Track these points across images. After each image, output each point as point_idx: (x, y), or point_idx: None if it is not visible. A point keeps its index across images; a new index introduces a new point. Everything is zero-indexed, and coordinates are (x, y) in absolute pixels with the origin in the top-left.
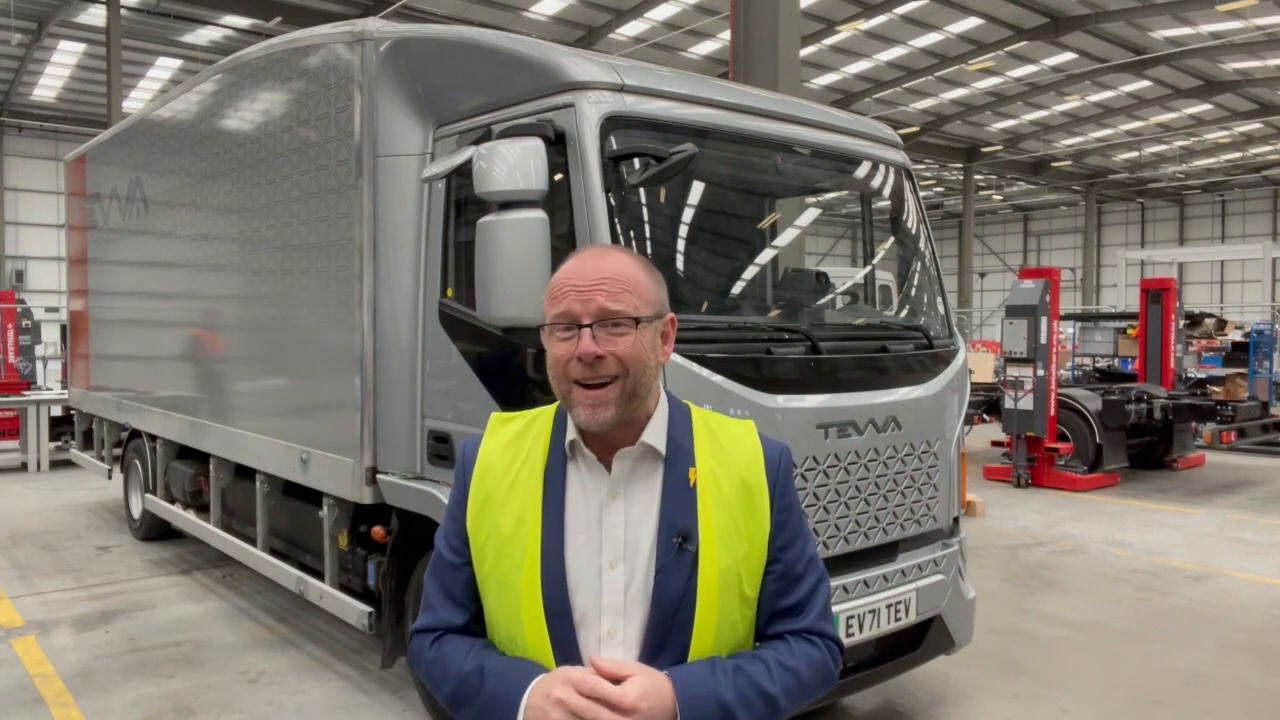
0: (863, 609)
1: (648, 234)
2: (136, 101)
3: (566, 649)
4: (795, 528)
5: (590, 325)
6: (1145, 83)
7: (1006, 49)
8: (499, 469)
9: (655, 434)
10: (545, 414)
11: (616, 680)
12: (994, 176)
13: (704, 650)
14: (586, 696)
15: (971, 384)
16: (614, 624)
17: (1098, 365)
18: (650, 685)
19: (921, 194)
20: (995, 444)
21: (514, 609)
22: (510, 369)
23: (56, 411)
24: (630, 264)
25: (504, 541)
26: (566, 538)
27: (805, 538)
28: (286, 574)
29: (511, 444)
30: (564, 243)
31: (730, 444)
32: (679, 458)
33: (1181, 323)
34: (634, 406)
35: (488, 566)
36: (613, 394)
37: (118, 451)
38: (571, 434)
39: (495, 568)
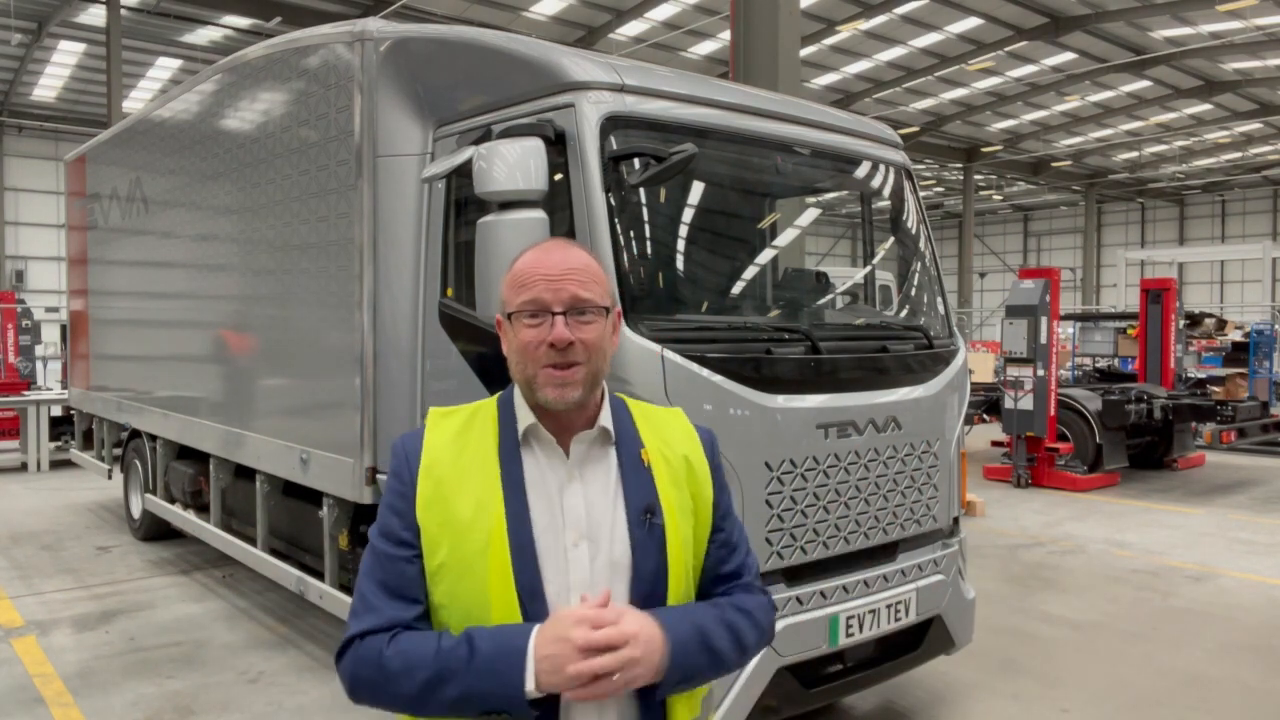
0: (863, 609)
1: (648, 234)
2: (136, 101)
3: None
4: (729, 502)
5: (564, 313)
6: (1145, 83)
7: (1006, 49)
8: (448, 459)
9: (607, 418)
10: (486, 406)
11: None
12: (994, 176)
13: None
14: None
15: (971, 384)
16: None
17: (1098, 365)
18: (641, 616)
19: (921, 194)
20: (995, 444)
21: (477, 593)
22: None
23: (56, 411)
24: (589, 258)
25: (463, 527)
26: (533, 520)
27: (735, 513)
28: (286, 574)
29: (458, 436)
30: None
31: (667, 428)
32: (628, 441)
33: (1181, 323)
34: (594, 390)
35: (442, 555)
36: (580, 375)
37: (118, 451)
38: (527, 420)
39: (453, 554)
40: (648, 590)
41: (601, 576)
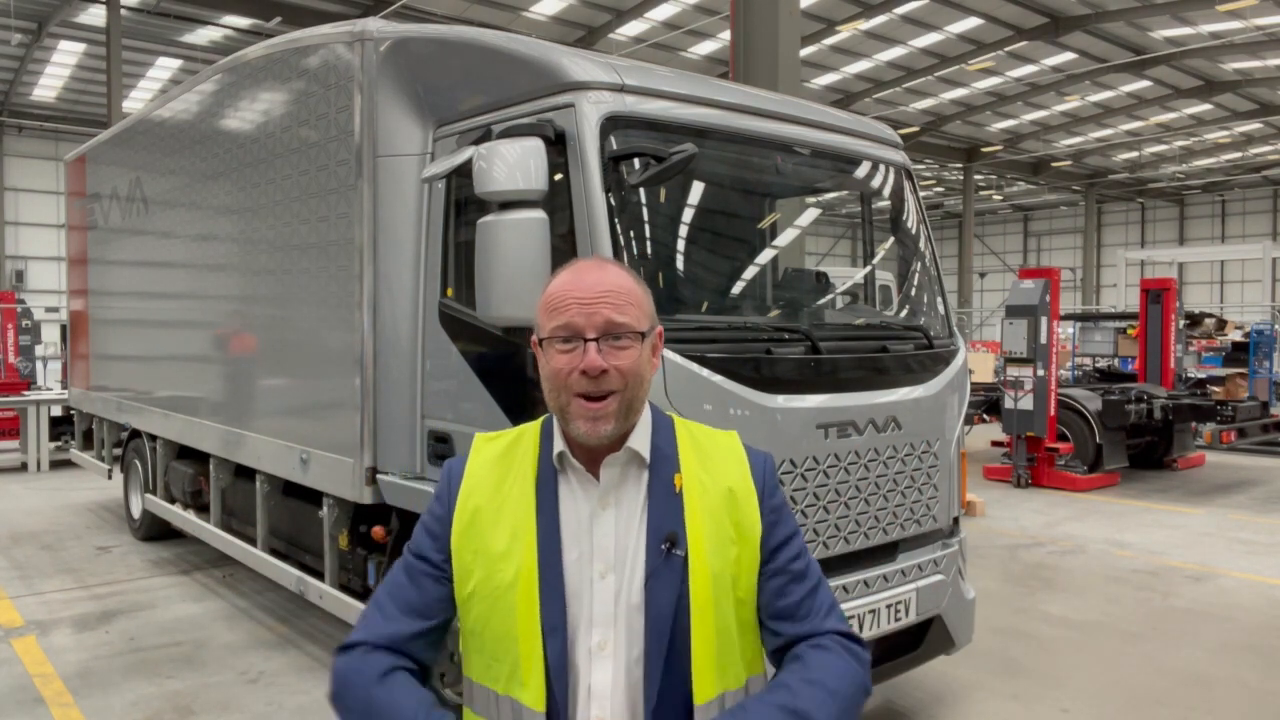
0: (863, 609)
1: (648, 234)
2: (136, 101)
3: (557, 664)
4: (787, 530)
5: (596, 339)
6: (1145, 83)
7: (1006, 49)
8: (487, 486)
9: (640, 441)
10: (531, 430)
11: None
12: (994, 176)
13: (706, 656)
14: None
15: (971, 384)
16: (604, 635)
17: (1098, 365)
18: None
19: (921, 194)
20: (995, 444)
21: (506, 626)
22: (510, 369)
23: (56, 411)
24: (626, 278)
25: (495, 559)
26: (564, 552)
27: (800, 541)
28: (286, 574)
29: (499, 461)
30: (564, 243)
31: (715, 450)
32: (663, 465)
33: (1181, 323)
34: (630, 419)
35: (474, 584)
36: (612, 407)
37: (118, 451)
38: (559, 445)
39: (484, 585)
40: (664, 625)
41: (623, 610)
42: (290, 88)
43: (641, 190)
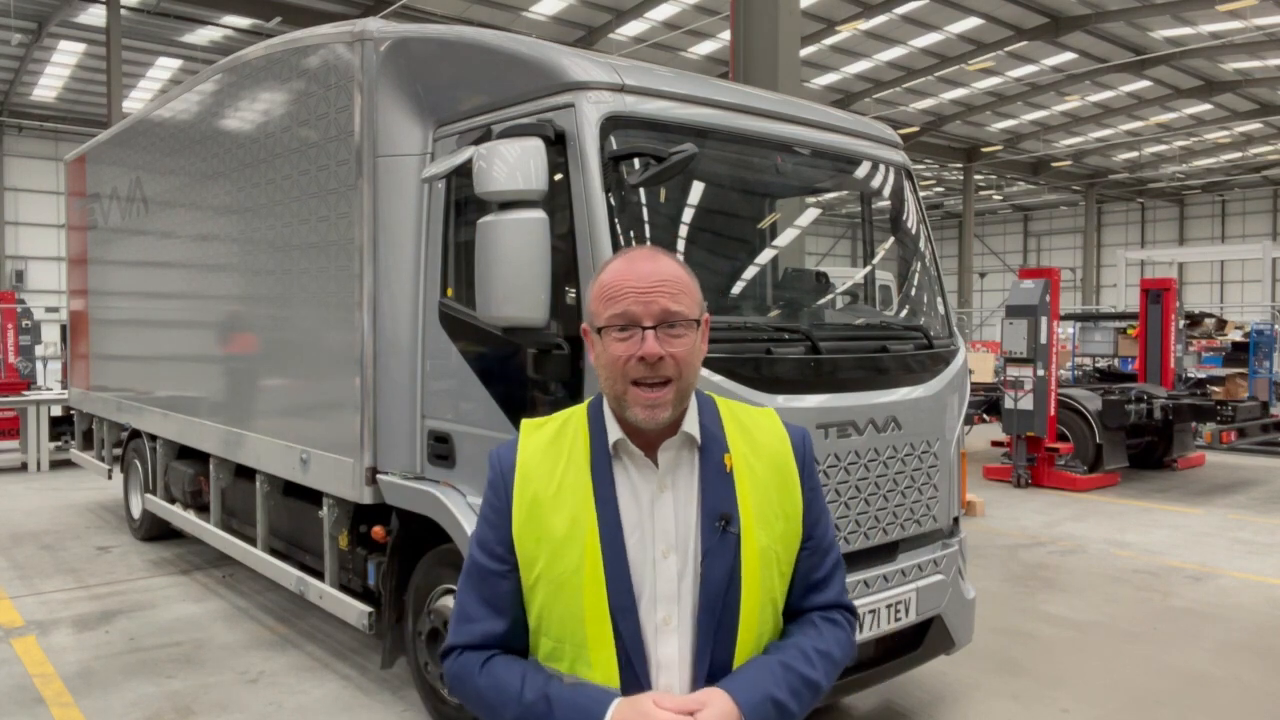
0: (862, 609)
1: (648, 234)
2: (136, 101)
3: (628, 642)
4: (821, 505)
5: (654, 327)
6: (1145, 83)
7: (1006, 49)
8: (542, 473)
9: (692, 424)
10: (577, 414)
11: (689, 712)
12: (994, 176)
13: (750, 627)
14: None
15: (971, 384)
16: (669, 611)
17: (1098, 365)
18: (719, 710)
19: (921, 194)
20: (995, 444)
21: (572, 609)
22: (510, 369)
23: (56, 411)
24: (678, 267)
25: (558, 544)
26: (625, 534)
27: (828, 515)
28: (286, 574)
29: (550, 447)
30: (564, 243)
31: (757, 430)
32: (713, 446)
33: (1181, 323)
34: (683, 404)
35: (538, 570)
36: (669, 395)
37: (118, 451)
38: (616, 434)
39: (548, 571)
40: (716, 600)
41: (685, 587)
42: (290, 88)
43: (641, 190)
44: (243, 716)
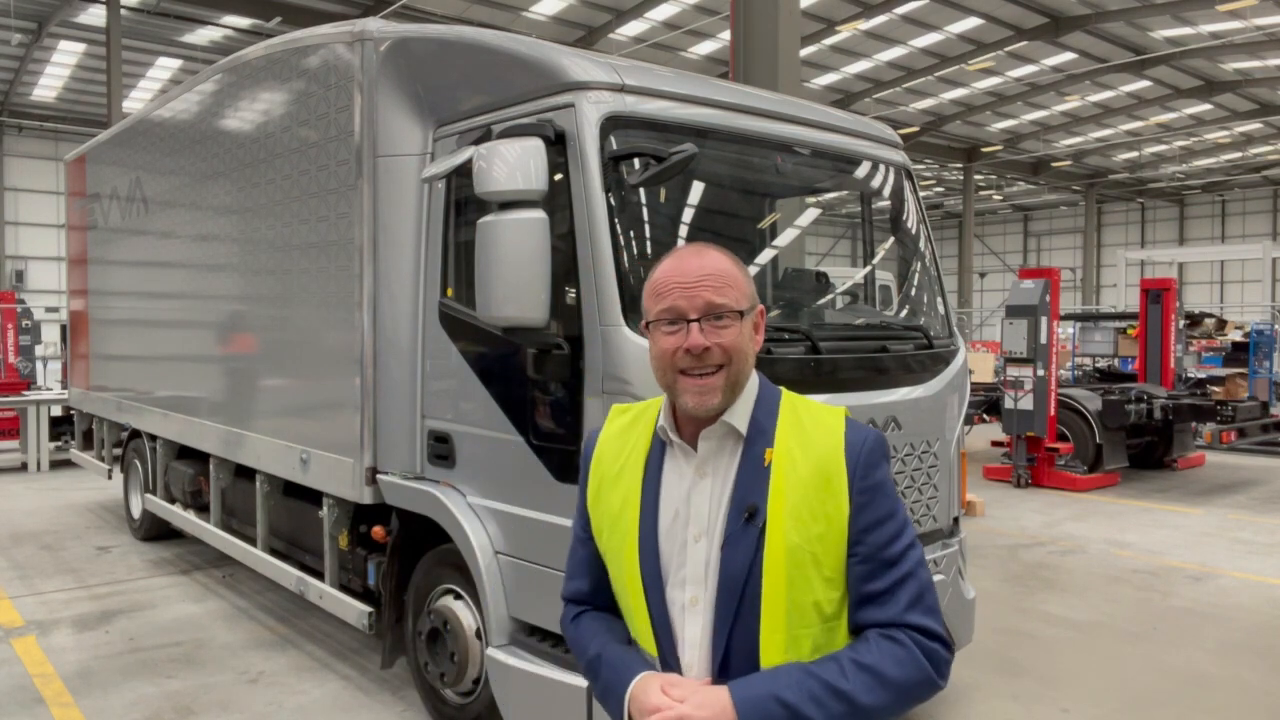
0: None
1: (647, 234)
2: (136, 101)
3: (659, 615)
4: (882, 512)
5: (698, 320)
6: (1145, 83)
7: (1006, 49)
8: (610, 455)
9: (739, 416)
10: (654, 404)
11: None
12: (994, 176)
13: (777, 625)
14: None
15: (971, 384)
16: (696, 592)
17: (1098, 365)
18: (703, 699)
19: (921, 194)
20: (995, 444)
21: (620, 579)
22: (510, 369)
23: (56, 411)
24: (725, 261)
25: (613, 520)
26: (660, 515)
27: (896, 524)
28: (286, 574)
29: (622, 433)
30: (564, 243)
31: (814, 428)
32: (758, 439)
33: (1181, 323)
34: (735, 394)
35: (603, 541)
36: (719, 381)
37: (118, 451)
38: (662, 419)
39: (609, 542)
40: (734, 590)
41: (711, 572)
42: (290, 88)
43: (641, 190)
44: (243, 716)
